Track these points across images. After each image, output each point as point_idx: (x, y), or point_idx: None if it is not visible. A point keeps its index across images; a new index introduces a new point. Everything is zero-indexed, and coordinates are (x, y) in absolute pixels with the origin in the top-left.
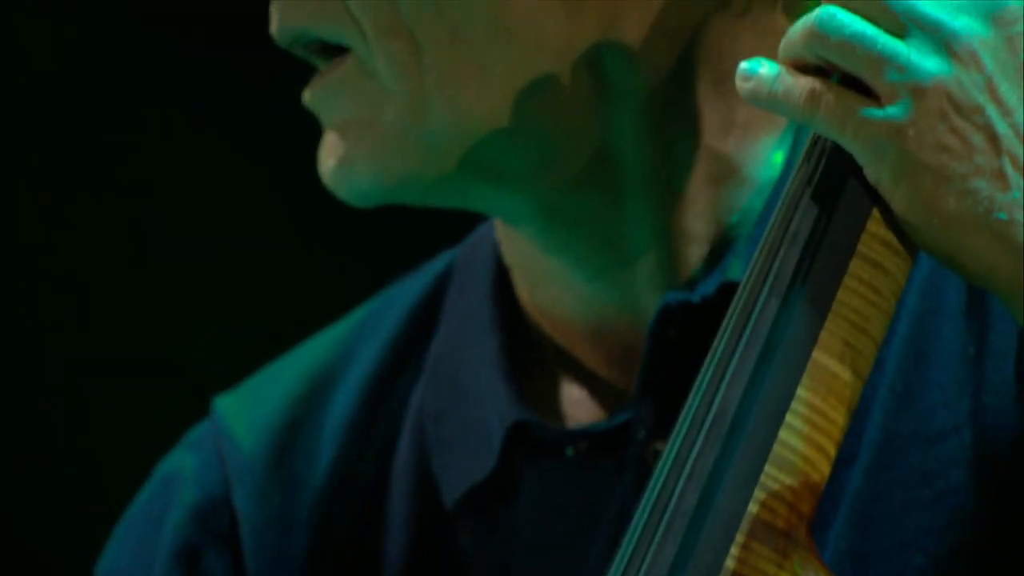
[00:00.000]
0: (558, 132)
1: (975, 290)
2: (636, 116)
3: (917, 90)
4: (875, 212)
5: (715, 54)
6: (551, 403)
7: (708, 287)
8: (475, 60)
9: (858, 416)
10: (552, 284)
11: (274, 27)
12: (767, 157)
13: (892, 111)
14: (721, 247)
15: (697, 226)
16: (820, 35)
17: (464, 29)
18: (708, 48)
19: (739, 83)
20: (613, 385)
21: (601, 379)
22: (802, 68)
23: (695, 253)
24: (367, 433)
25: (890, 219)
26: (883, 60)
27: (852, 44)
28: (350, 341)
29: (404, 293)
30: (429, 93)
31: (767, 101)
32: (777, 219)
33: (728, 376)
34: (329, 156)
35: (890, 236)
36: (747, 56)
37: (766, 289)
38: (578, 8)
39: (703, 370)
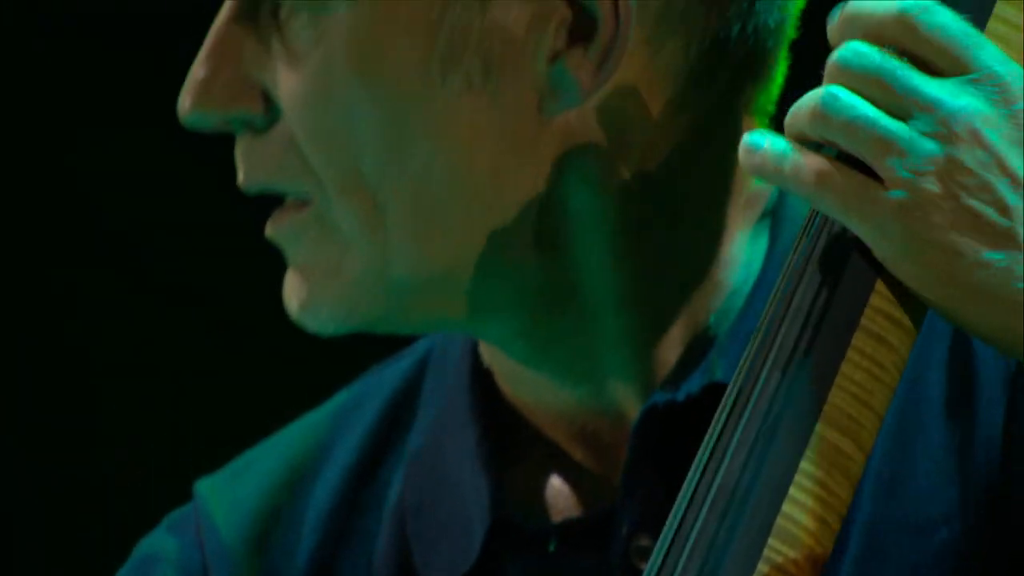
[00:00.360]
0: (525, 271)
1: (959, 379)
2: (605, 244)
3: (919, 174)
4: (878, 286)
5: (682, 171)
6: (533, 494)
7: (692, 386)
8: (437, 216)
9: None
10: (531, 389)
11: (240, 179)
12: (740, 258)
13: (896, 194)
14: (700, 347)
15: (673, 332)
16: (823, 115)
17: (425, 187)
18: (675, 167)
19: (743, 156)
20: (596, 477)
21: (584, 471)
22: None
23: (672, 355)
24: (347, 525)
25: (894, 293)
26: (884, 143)
27: (854, 126)
28: (329, 429)
29: (383, 380)
30: (391, 248)
31: (773, 177)
32: (778, 293)
33: (731, 449)
34: (293, 297)
35: (893, 310)
36: (709, 174)
37: (768, 363)
38: (541, 155)
39: (704, 444)
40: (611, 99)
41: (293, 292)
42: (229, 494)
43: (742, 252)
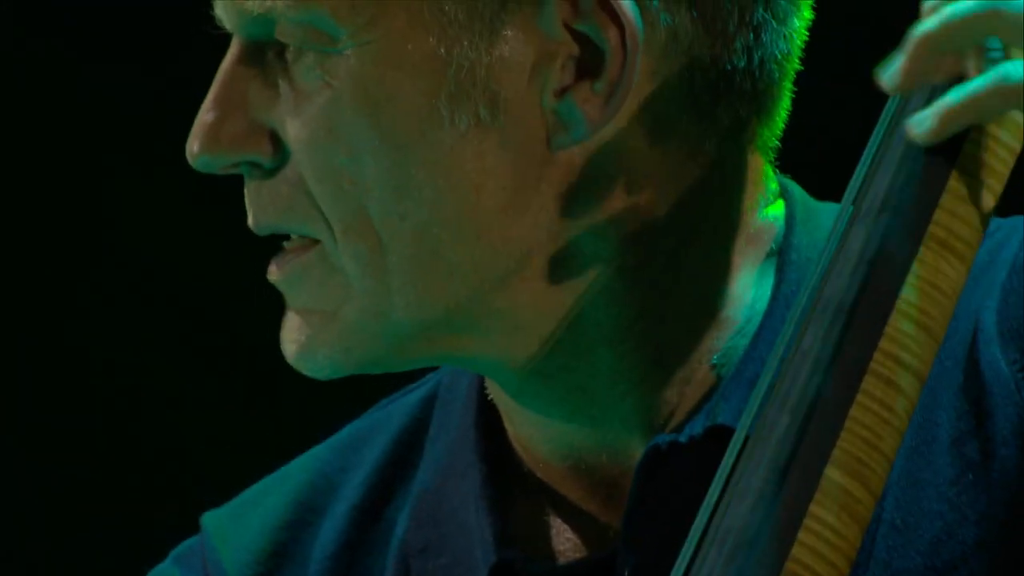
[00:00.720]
0: (526, 312)
1: (970, 418)
2: (609, 282)
3: None
4: (887, 330)
5: (686, 206)
6: (536, 536)
7: (695, 428)
8: (440, 260)
9: (859, 553)
10: (531, 424)
11: (250, 221)
12: (745, 297)
13: None
14: (703, 388)
15: (676, 372)
16: (1014, 89)
17: (430, 231)
18: (679, 202)
19: (917, 133)
20: (597, 519)
21: (585, 513)
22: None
23: (675, 396)
24: (352, 565)
25: (902, 336)
26: None
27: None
28: (336, 466)
29: (390, 417)
30: (392, 292)
31: (959, 118)
32: (787, 335)
33: (740, 492)
34: (291, 339)
35: (902, 353)
36: (714, 211)
37: (777, 405)
38: (546, 192)
39: (713, 486)
40: (617, 133)
41: (291, 335)
42: (235, 531)
43: (747, 291)
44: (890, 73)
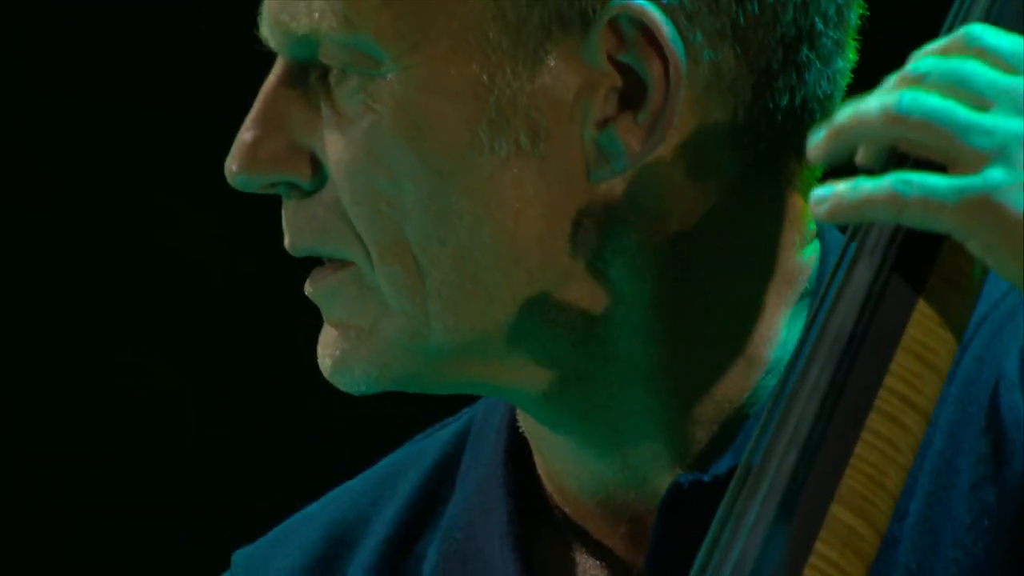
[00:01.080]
0: (559, 338)
1: (989, 463)
2: (642, 317)
3: (1009, 145)
4: (893, 367)
5: (723, 244)
6: (561, 574)
7: (720, 467)
8: (479, 284)
9: None
10: (560, 458)
11: (287, 242)
12: (777, 337)
13: (990, 172)
14: (731, 426)
15: (706, 410)
16: (899, 117)
17: (469, 255)
18: (716, 239)
19: (814, 209)
20: (623, 558)
21: (611, 551)
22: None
23: (703, 434)
24: None
25: (908, 374)
26: (968, 127)
27: (935, 118)
28: (369, 500)
29: (422, 451)
30: (430, 315)
31: (851, 212)
32: (796, 372)
33: (745, 527)
34: (326, 354)
35: (908, 391)
36: (750, 249)
37: (784, 441)
38: (585, 222)
39: (717, 523)
40: (656, 166)
41: (327, 349)
42: (268, 566)
43: (779, 331)
44: (812, 143)
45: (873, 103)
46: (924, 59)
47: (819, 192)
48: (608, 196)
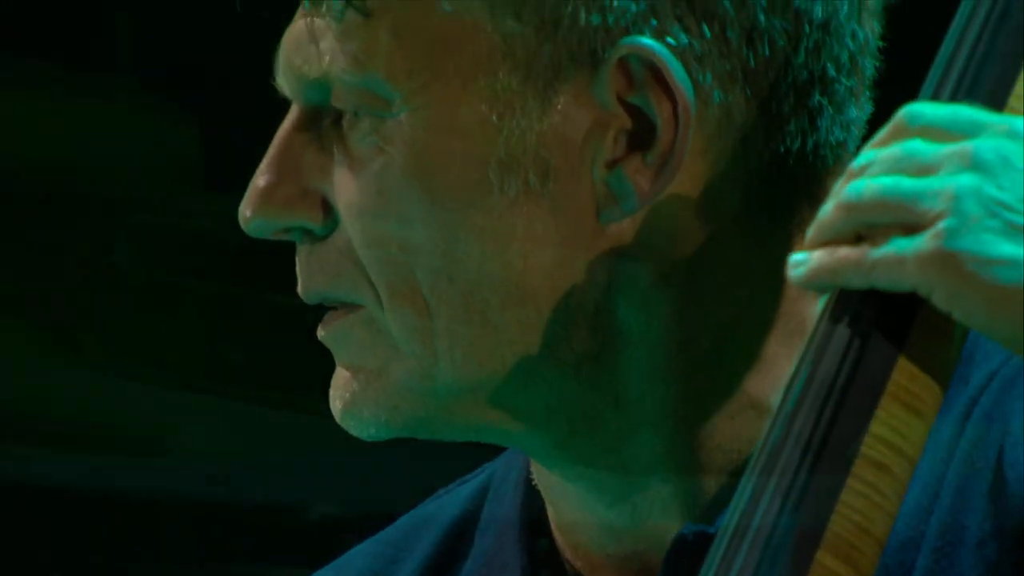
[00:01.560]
0: (567, 382)
1: (993, 519)
2: (651, 358)
3: (959, 198)
4: (879, 413)
5: (732, 287)
6: None
7: (726, 518)
8: (487, 323)
9: None
10: (572, 508)
11: (300, 289)
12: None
13: (943, 224)
14: (739, 476)
15: (715, 458)
16: (851, 205)
17: (478, 294)
18: (725, 282)
19: (791, 275)
20: None
21: None
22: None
23: (711, 483)
24: None
25: (894, 421)
26: (920, 194)
27: (886, 195)
28: (388, 558)
29: (442, 508)
30: (439, 355)
31: (821, 279)
32: (780, 418)
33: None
34: (337, 396)
35: (894, 437)
36: (760, 295)
37: (770, 488)
38: (594, 264)
39: (705, 569)
40: (666, 207)
41: (338, 391)
42: None
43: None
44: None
45: (827, 205)
46: (866, 152)
47: (796, 256)
48: (618, 236)
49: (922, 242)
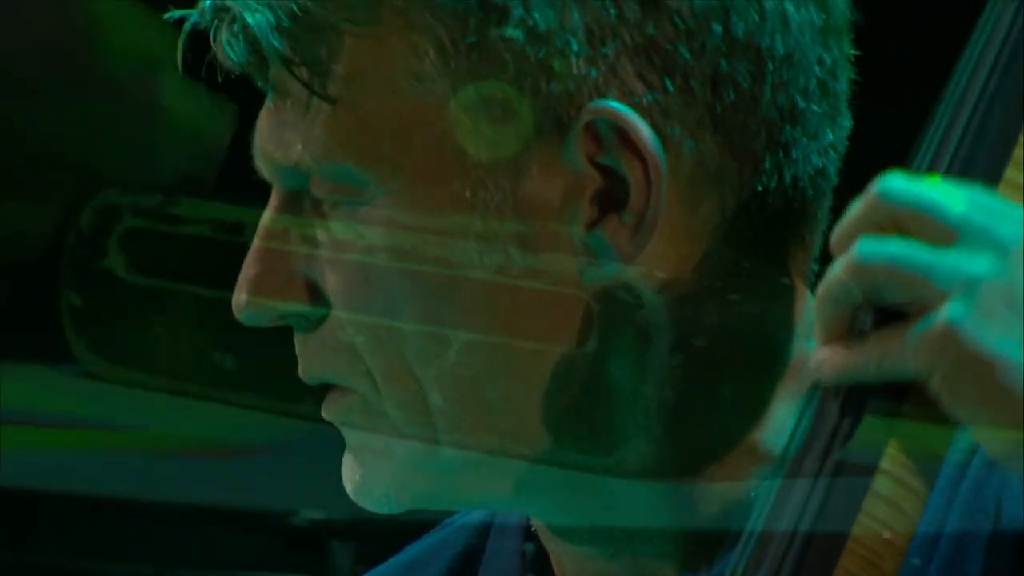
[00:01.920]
0: (566, 446)
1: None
2: (645, 417)
3: (971, 286)
4: (878, 474)
5: (723, 336)
6: None
7: (724, 568)
8: (479, 399)
9: None
10: (573, 558)
11: (300, 372)
12: (786, 431)
13: (951, 307)
14: (737, 524)
15: (711, 508)
16: (863, 268)
17: (467, 370)
18: (716, 332)
19: (816, 370)
20: None
21: None
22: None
23: (711, 531)
24: None
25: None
26: (932, 268)
27: (899, 262)
28: None
29: (446, 541)
30: (438, 431)
31: (848, 372)
32: (789, 457)
33: None
34: (348, 477)
35: (902, 473)
36: (754, 341)
37: (776, 541)
38: (581, 326)
39: None
40: (648, 262)
41: (347, 472)
42: None
43: (787, 424)
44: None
45: (836, 265)
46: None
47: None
48: (602, 297)
49: (926, 322)
